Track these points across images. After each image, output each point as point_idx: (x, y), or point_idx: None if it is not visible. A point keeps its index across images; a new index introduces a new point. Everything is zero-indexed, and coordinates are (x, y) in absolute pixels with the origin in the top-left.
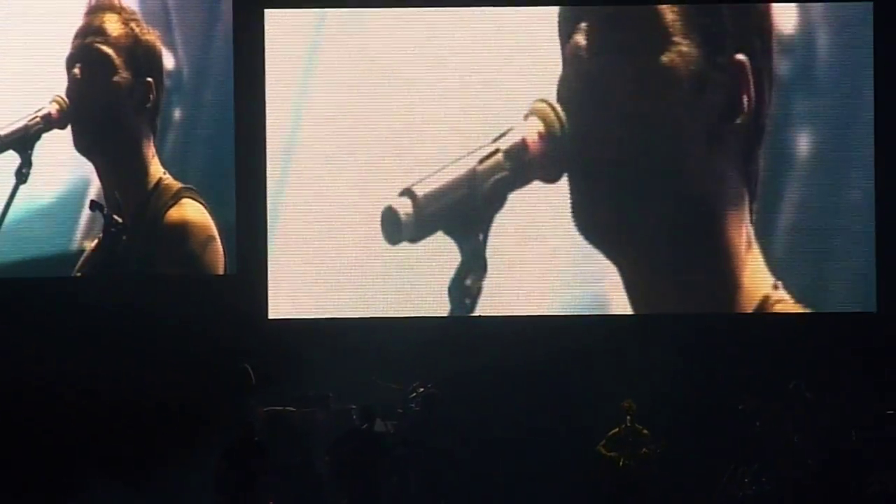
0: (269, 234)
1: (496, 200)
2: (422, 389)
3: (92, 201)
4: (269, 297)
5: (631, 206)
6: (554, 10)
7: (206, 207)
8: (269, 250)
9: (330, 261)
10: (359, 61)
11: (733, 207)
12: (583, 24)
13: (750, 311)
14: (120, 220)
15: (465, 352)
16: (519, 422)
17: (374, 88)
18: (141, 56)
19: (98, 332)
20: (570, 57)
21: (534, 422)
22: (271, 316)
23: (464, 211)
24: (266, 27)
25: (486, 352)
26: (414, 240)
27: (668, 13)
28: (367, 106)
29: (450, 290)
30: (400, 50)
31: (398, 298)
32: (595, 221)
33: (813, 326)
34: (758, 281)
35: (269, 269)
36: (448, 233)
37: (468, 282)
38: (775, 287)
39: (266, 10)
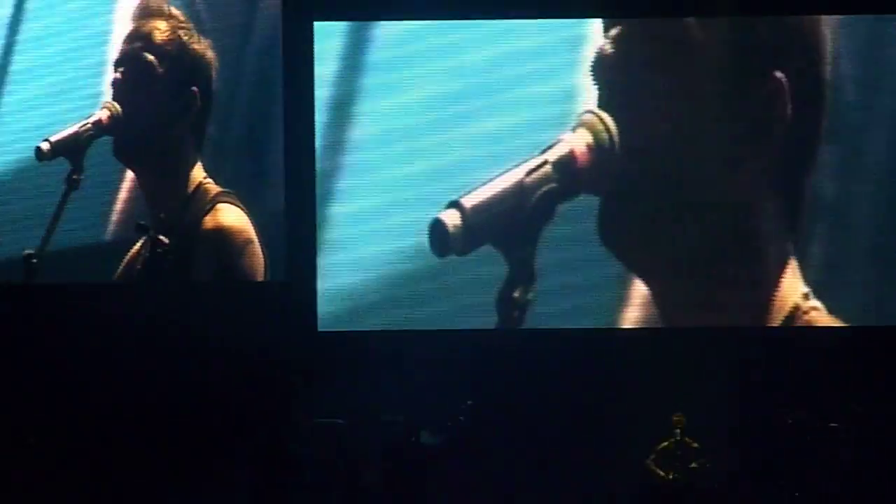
0: (318, 247)
1: (544, 212)
2: (470, 402)
3: (138, 224)
4: (319, 310)
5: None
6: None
7: (244, 211)
8: (318, 263)
9: (378, 273)
10: (408, 72)
11: (774, 222)
12: (630, 38)
13: (781, 323)
14: (167, 241)
15: (514, 364)
16: (565, 434)
17: (423, 99)
18: (188, 64)
19: (140, 340)
20: (616, 71)
21: (581, 435)
22: (321, 328)
23: (512, 223)
24: (315, 39)
25: (534, 364)
26: (462, 252)
27: (713, 30)
28: (415, 117)
29: (497, 302)
30: (449, 61)
31: (446, 311)
32: (628, 235)
33: (866, 341)
34: (789, 291)
35: (319, 282)
36: (496, 245)
37: (516, 294)
38: (806, 297)
39: (316, 23)
